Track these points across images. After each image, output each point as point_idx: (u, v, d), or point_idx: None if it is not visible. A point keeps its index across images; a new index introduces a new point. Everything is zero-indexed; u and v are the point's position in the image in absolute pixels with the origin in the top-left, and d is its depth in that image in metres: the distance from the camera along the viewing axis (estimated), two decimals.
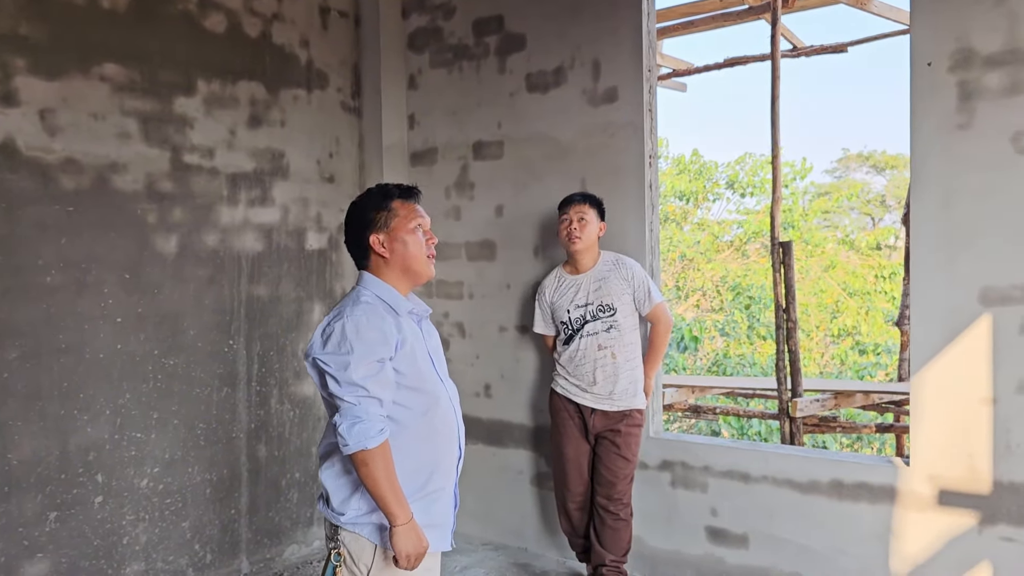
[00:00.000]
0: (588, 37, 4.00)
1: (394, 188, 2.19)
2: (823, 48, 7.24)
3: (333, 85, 4.52)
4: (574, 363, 3.67)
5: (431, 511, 2.14)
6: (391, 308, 2.13)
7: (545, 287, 3.83)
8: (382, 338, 2.04)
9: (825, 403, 6.08)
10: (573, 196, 3.71)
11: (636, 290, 3.64)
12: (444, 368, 2.28)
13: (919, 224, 3.17)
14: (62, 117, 3.40)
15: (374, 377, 2.01)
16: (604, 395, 3.62)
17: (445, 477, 2.19)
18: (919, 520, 3.20)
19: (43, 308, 3.36)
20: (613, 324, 3.61)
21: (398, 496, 2.02)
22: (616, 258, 3.72)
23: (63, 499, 3.42)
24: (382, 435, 2.00)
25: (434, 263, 2.21)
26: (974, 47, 3.02)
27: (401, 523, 2.02)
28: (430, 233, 2.22)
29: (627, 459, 3.64)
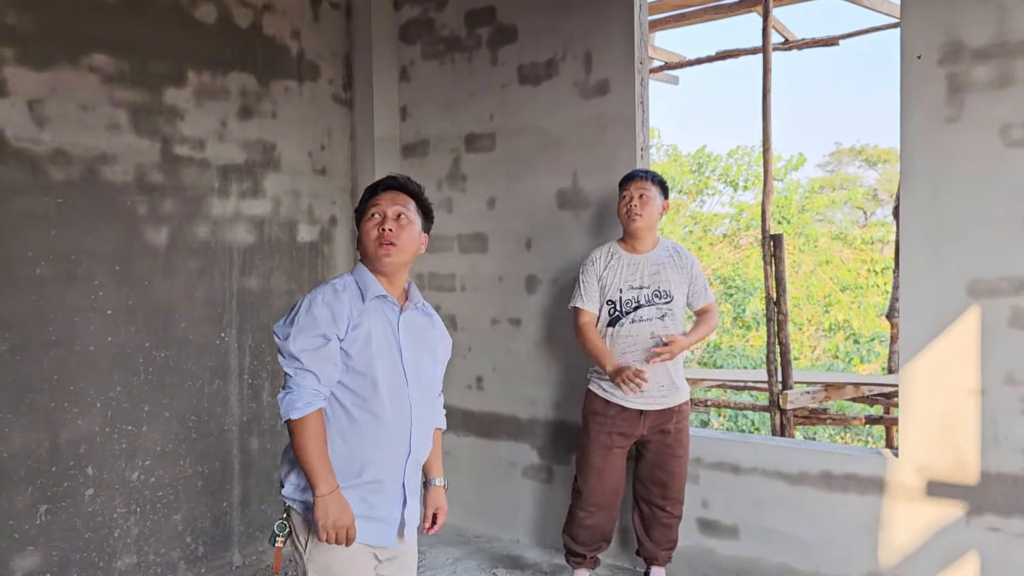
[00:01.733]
0: (580, 29, 4.00)
1: (372, 185, 2.30)
2: (815, 41, 7.26)
3: (324, 77, 4.51)
4: (619, 349, 3.42)
5: (368, 501, 2.13)
6: (360, 292, 2.16)
7: (596, 259, 3.53)
8: (330, 316, 2.08)
9: (815, 395, 6.11)
10: (635, 172, 3.51)
11: (693, 282, 3.51)
12: (418, 363, 2.21)
13: (908, 217, 3.19)
14: (51, 108, 3.38)
15: (312, 352, 2.05)
16: (652, 390, 3.38)
17: (384, 471, 2.14)
18: (907, 511, 3.22)
19: (32, 300, 3.34)
20: (668, 312, 3.42)
21: (322, 468, 2.04)
22: (675, 247, 3.57)
23: (54, 492, 3.41)
24: (308, 408, 2.04)
25: (391, 251, 2.16)
26: (963, 40, 3.03)
27: (321, 494, 2.04)
28: (386, 219, 2.18)
29: (681, 457, 3.51)
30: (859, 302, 12.92)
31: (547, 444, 4.23)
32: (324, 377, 2.08)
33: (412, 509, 2.24)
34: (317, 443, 2.05)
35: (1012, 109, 2.96)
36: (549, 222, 4.15)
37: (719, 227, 14.78)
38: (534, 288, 4.24)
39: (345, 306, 2.10)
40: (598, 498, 3.54)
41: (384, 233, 2.16)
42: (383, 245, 2.15)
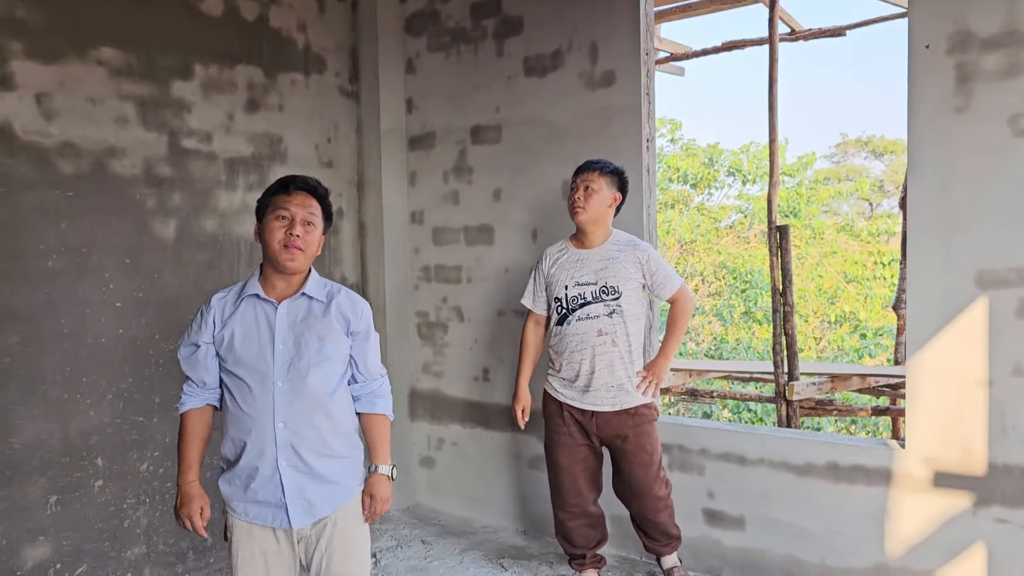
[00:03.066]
0: (586, 20, 3.99)
1: (278, 183, 2.35)
2: (821, 32, 7.23)
3: (331, 69, 4.51)
4: (567, 348, 3.38)
5: (251, 487, 2.29)
6: (240, 293, 2.35)
7: (546, 256, 3.52)
8: (198, 326, 2.35)
9: (822, 386, 6.11)
10: (585, 163, 3.45)
11: (653, 275, 3.36)
12: (298, 351, 2.27)
13: (916, 207, 3.18)
14: (59, 101, 3.39)
15: (186, 359, 2.36)
16: (600, 390, 3.34)
17: (257, 458, 2.27)
18: (914, 502, 3.23)
19: (44, 293, 3.36)
20: (616, 309, 3.32)
21: (183, 461, 2.36)
22: (629, 239, 3.44)
23: (65, 483, 3.44)
24: (181, 407, 2.38)
25: (296, 254, 2.26)
26: (972, 29, 3.02)
27: (178, 483, 2.36)
28: (295, 224, 2.26)
29: (646, 464, 3.39)
30: (865, 294, 12.89)
31: None
32: (198, 380, 2.37)
33: (303, 495, 2.29)
34: (183, 440, 2.37)
35: (1021, 99, 2.94)
36: (555, 214, 4.15)
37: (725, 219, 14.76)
38: None
39: (212, 314, 2.33)
40: (574, 498, 3.50)
41: (292, 239, 2.26)
42: (289, 249, 2.26)
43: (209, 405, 2.40)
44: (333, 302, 2.36)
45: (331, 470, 2.33)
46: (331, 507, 2.34)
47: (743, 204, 14.86)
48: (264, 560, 2.32)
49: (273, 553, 2.33)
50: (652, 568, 3.81)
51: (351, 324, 2.37)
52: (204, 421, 2.39)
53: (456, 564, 3.98)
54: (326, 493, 2.32)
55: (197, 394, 2.38)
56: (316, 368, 2.28)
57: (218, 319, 2.33)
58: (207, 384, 2.36)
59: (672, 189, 14.57)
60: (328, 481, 2.33)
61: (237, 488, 2.32)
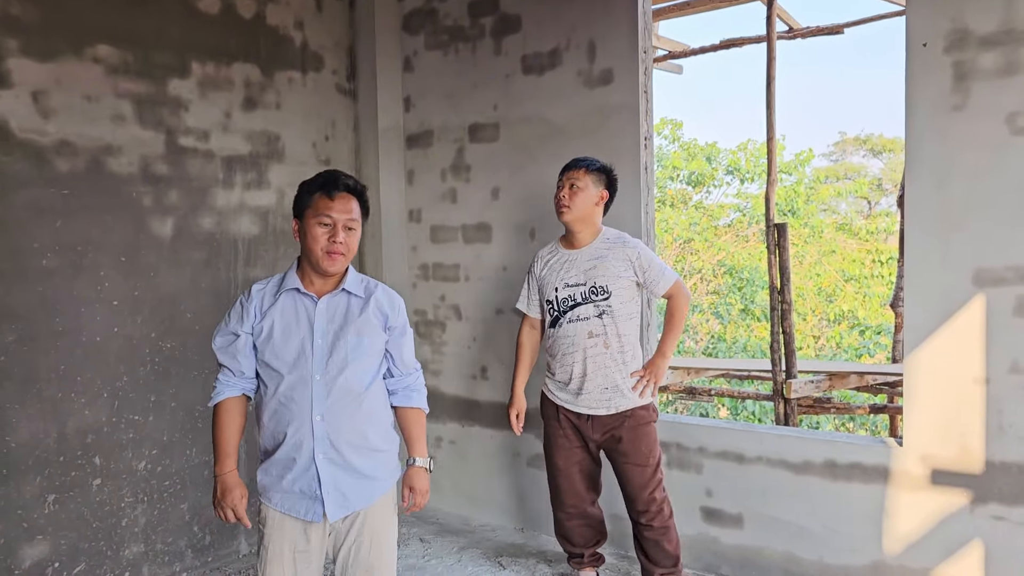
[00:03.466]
0: (584, 19, 3.99)
1: (321, 178, 2.32)
2: (819, 30, 7.23)
3: (328, 67, 4.50)
4: (559, 350, 3.33)
5: (287, 477, 2.32)
6: (279, 286, 2.36)
7: (537, 258, 3.48)
8: (239, 316, 2.35)
9: (819, 384, 6.11)
10: (571, 161, 3.39)
11: (645, 272, 3.28)
12: (335, 344, 2.29)
13: (913, 205, 3.18)
14: (55, 99, 3.38)
15: (224, 348, 2.35)
16: (594, 393, 3.28)
17: (296, 450, 2.29)
18: (912, 500, 3.23)
19: (39, 291, 3.36)
20: (606, 310, 3.24)
21: (220, 451, 2.35)
22: (619, 236, 3.36)
23: (62, 481, 3.43)
24: (217, 396, 2.37)
25: (338, 259, 2.29)
26: (969, 27, 3.01)
27: (215, 473, 2.36)
28: (337, 230, 2.27)
29: (641, 465, 3.29)
30: (863, 292, 12.90)
31: None
32: (235, 370, 2.36)
33: (338, 488, 2.31)
34: (220, 429, 2.36)
35: (1019, 97, 2.94)
36: (553, 212, 4.14)
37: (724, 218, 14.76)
38: None
39: (253, 305, 2.34)
40: (572, 499, 3.47)
41: (335, 245, 2.27)
42: (331, 255, 2.28)
43: (244, 395, 2.41)
44: (372, 298, 2.38)
45: (366, 464, 2.36)
46: (365, 501, 2.36)
47: (741, 202, 14.87)
48: (292, 556, 2.34)
49: (302, 550, 2.35)
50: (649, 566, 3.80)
51: (388, 320, 2.40)
52: (240, 410, 2.40)
53: (454, 562, 3.98)
54: (361, 487, 2.35)
55: (233, 383, 2.37)
56: (354, 363, 2.31)
57: (258, 310, 2.34)
58: (244, 374, 2.37)
59: (670, 188, 14.57)
60: (363, 475, 2.35)
61: (274, 478, 2.34)
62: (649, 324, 3.91)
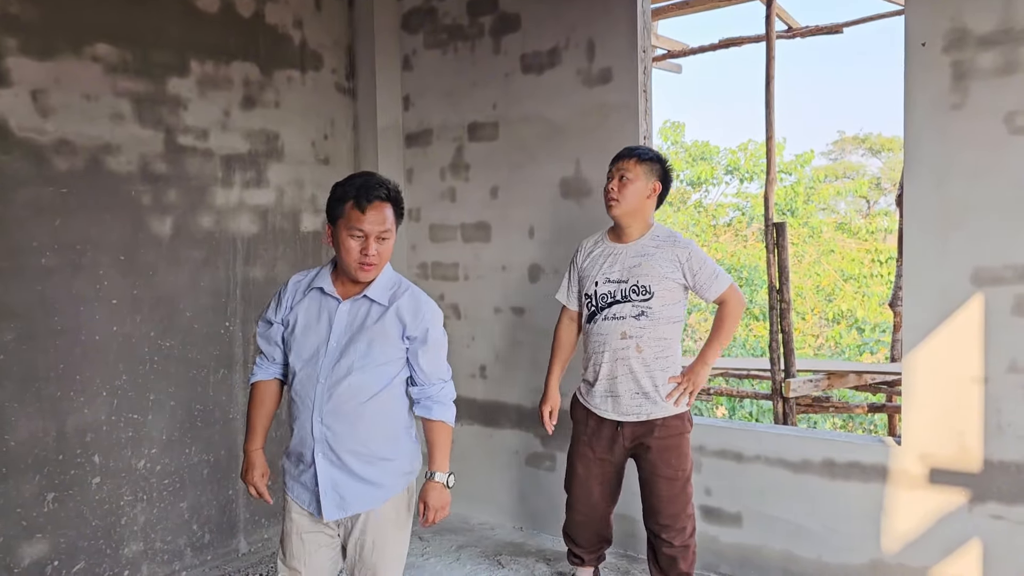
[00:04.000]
0: (583, 18, 3.99)
1: (355, 188, 2.28)
2: (818, 29, 7.24)
3: (327, 66, 4.50)
4: (590, 347, 3.15)
5: (298, 467, 2.41)
6: (311, 282, 2.41)
7: (580, 248, 3.27)
8: (274, 305, 2.45)
9: (818, 383, 6.12)
10: (623, 150, 3.15)
11: (696, 274, 3.04)
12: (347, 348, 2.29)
13: (912, 204, 3.19)
14: (54, 98, 3.38)
15: (262, 334, 2.47)
16: (625, 397, 3.07)
17: (301, 445, 2.36)
18: (910, 498, 3.23)
19: (38, 290, 3.35)
20: (646, 311, 3.02)
21: (250, 429, 2.49)
22: (670, 234, 3.12)
23: (61, 480, 3.43)
24: (252, 378, 2.51)
25: (371, 270, 2.29)
26: (968, 27, 3.02)
27: (244, 450, 2.50)
28: (369, 242, 2.25)
29: (669, 479, 3.09)
30: (863, 292, 12.91)
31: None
32: (269, 355, 2.47)
33: (336, 489, 2.32)
34: (252, 408, 2.49)
35: (1017, 96, 2.95)
36: (552, 211, 4.15)
37: (723, 217, 14.77)
38: (537, 277, 4.24)
39: (287, 296, 2.41)
40: (585, 507, 3.34)
41: (367, 258, 2.26)
42: (364, 267, 2.27)
43: (277, 379, 2.50)
44: (393, 306, 2.32)
45: (369, 472, 2.33)
46: (365, 505, 2.34)
47: (741, 202, 14.89)
48: (300, 537, 2.41)
49: (308, 531, 2.41)
50: None
51: (407, 329, 2.33)
52: (273, 393, 2.50)
53: (453, 561, 3.98)
54: (361, 491, 2.33)
55: (267, 367, 2.49)
56: (359, 371, 2.28)
57: (288, 301, 2.41)
58: (276, 360, 2.47)
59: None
60: (364, 480, 2.33)
61: (289, 466, 2.44)
62: None
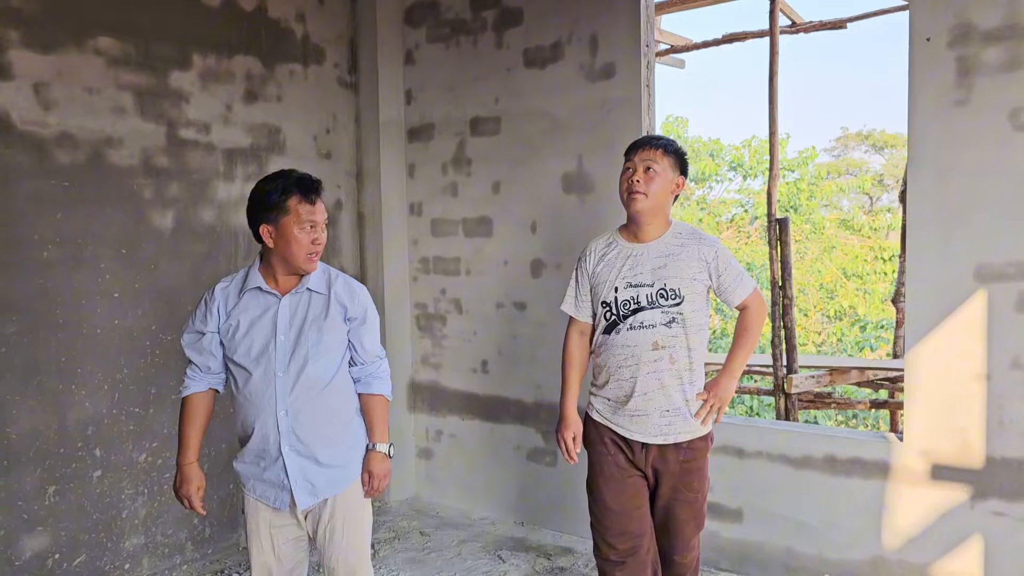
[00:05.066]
0: (586, 12, 3.97)
1: (294, 183, 2.34)
2: (822, 24, 7.21)
3: (329, 60, 4.50)
4: (614, 362, 2.70)
5: (260, 465, 2.43)
6: (242, 284, 2.43)
7: (590, 252, 2.83)
8: (203, 315, 2.45)
9: (820, 379, 6.11)
10: (644, 139, 2.77)
11: (721, 276, 2.69)
12: (298, 341, 2.36)
13: (916, 200, 3.18)
14: (57, 91, 3.38)
15: (191, 345, 2.47)
16: (652, 416, 2.67)
17: (264, 442, 2.39)
18: (912, 495, 3.23)
19: (40, 283, 3.36)
20: (677, 317, 2.65)
21: (183, 442, 2.49)
22: (693, 231, 2.76)
23: (62, 473, 3.44)
24: (184, 391, 2.49)
25: (317, 259, 2.39)
26: (973, 22, 3.00)
27: (178, 464, 2.50)
28: (319, 232, 2.35)
29: (690, 502, 2.76)
30: (864, 289, 12.90)
31: (552, 428, 4.24)
32: (202, 365, 2.47)
33: (306, 478, 2.40)
34: (184, 421, 2.49)
35: (1022, 92, 2.93)
36: (554, 206, 4.15)
37: (726, 213, 14.76)
38: (539, 272, 4.24)
39: (216, 304, 2.43)
40: (624, 542, 2.74)
41: (317, 247, 2.36)
42: (313, 257, 2.37)
43: (212, 389, 2.52)
44: (332, 291, 2.44)
45: (332, 455, 2.44)
46: (333, 489, 2.45)
47: (744, 198, 14.87)
48: (269, 532, 2.47)
49: (277, 526, 2.47)
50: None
51: (348, 311, 2.45)
52: (206, 404, 2.51)
53: (454, 556, 3.98)
54: (328, 476, 2.44)
55: (201, 378, 2.49)
56: (315, 359, 2.38)
57: (223, 309, 2.43)
58: (211, 369, 2.48)
59: None
60: (330, 465, 2.44)
61: (248, 466, 2.45)
62: None
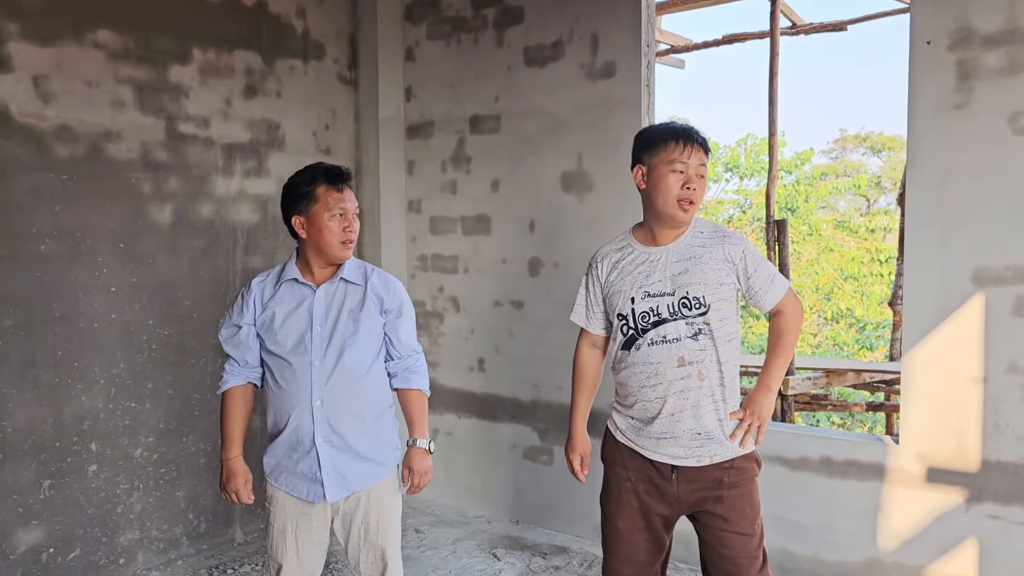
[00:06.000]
0: (587, 11, 3.97)
1: (322, 173, 2.38)
2: (822, 26, 7.23)
3: (329, 56, 4.49)
4: (635, 381, 2.39)
5: (292, 458, 2.41)
6: (279, 277, 2.45)
7: (600, 258, 2.50)
8: (239, 308, 2.46)
9: (817, 381, 6.12)
10: (685, 131, 2.35)
11: (750, 278, 2.36)
12: (334, 331, 2.37)
13: (914, 203, 3.18)
14: (56, 84, 3.37)
15: (228, 339, 2.47)
16: (683, 438, 2.34)
17: (298, 432, 2.39)
18: (907, 497, 3.23)
19: (37, 277, 3.35)
20: (703, 328, 2.32)
21: (226, 437, 2.47)
22: (715, 228, 2.42)
23: (57, 467, 3.43)
24: (224, 385, 2.48)
25: (351, 247, 2.41)
26: (973, 26, 3.00)
27: (222, 458, 2.48)
28: (350, 219, 2.38)
29: (746, 534, 2.37)
30: (861, 291, 12.92)
31: (548, 427, 4.24)
32: (239, 359, 2.46)
33: (338, 470, 2.39)
34: (226, 416, 2.48)
35: (1022, 96, 2.93)
36: (553, 205, 4.14)
37: (723, 214, 14.78)
38: (537, 271, 4.24)
39: (253, 297, 2.44)
40: (630, 569, 2.50)
41: (351, 235, 2.38)
42: (347, 245, 2.38)
43: (250, 383, 2.51)
44: (368, 283, 2.45)
45: (365, 446, 2.43)
46: (365, 483, 2.44)
47: (741, 199, 14.88)
48: (295, 535, 2.44)
49: (303, 529, 2.44)
50: None
51: (384, 303, 2.46)
52: (245, 398, 2.51)
53: (449, 554, 3.98)
54: (360, 469, 2.43)
55: (239, 372, 2.48)
56: (351, 348, 2.39)
57: (259, 302, 2.44)
58: (248, 363, 2.47)
59: None
60: (363, 457, 2.43)
61: (278, 460, 2.44)
62: None
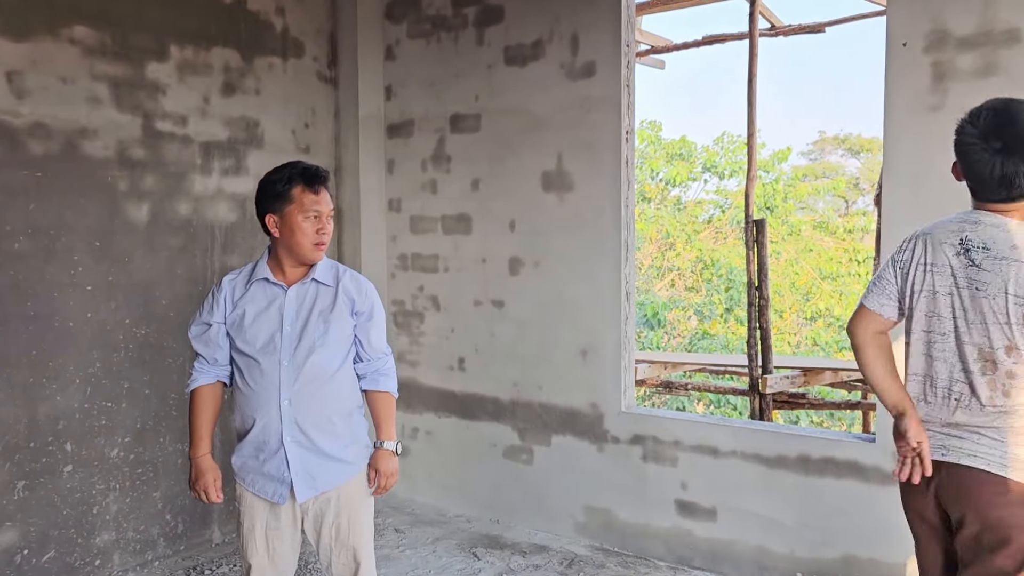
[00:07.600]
0: (567, 10, 3.98)
1: (299, 173, 2.38)
2: (801, 28, 7.27)
3: (309, 54, 4.46)
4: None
5: (259, 458, 2.40)
6: (250, 275, 2.45)
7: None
8: (210, 306, 2.45)
9: (795, 380, 6.17)
10: None
11: None
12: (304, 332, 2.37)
13: (890, 204, 3.21)
14: (30, 80, 3.32)
15: (198, 337, 2.46)
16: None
17: (266, 433, 2.38)
18: (883, 495, 3.26)
19: (11, 275, 3.30)
20: None
21: (194, 434, 2.45)
22: None
23: (32, 468, 3.39)
24: (193, 383, 2.47)
25: (324, 249, 2.40)
26: (949, 28, 3.04)
27: (190, 456, 2.46)
28: (324, 222, 2.37)
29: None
30: (840, 291, 13.03)
31: (528, 426, 4.25)
32: (209, 357, 2.45)
33: (307, 470, 2.38)
34: (195, 414, 2.46)
35: None
36: (533, 204, 4.15)
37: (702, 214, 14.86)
38: (517, 270, 4.24)
39: (224, 295, 2.44)
40: None
41: (323, 236, 2.37)
42: (319, 247, 2.37)
43: (219, 381, 2.50)
44: (339, 285, 2.44)
45: (334, 446, 2.43)
46: (333, 483, 2.44)
47: (720, 199, 14.97)
48: (265, 535, 2.44)
49: (272, 528, 2.44)
50: None
51: (355, 304, 2.45)
52: (215, 396, 2.49)
53: (429, 553, 3.97)
54: (329, 469, 2.42)
55: (208, 371, 2.47)
56: (320, 349, 2.38)
57: (229, 300, 2.44)
58: (218, 361, 2.46)
59: (649, 183, 14.64)
60: (331, 457, 2.43)
61: (246, 459, 2.42)
62: (628, 318, 3.92)
